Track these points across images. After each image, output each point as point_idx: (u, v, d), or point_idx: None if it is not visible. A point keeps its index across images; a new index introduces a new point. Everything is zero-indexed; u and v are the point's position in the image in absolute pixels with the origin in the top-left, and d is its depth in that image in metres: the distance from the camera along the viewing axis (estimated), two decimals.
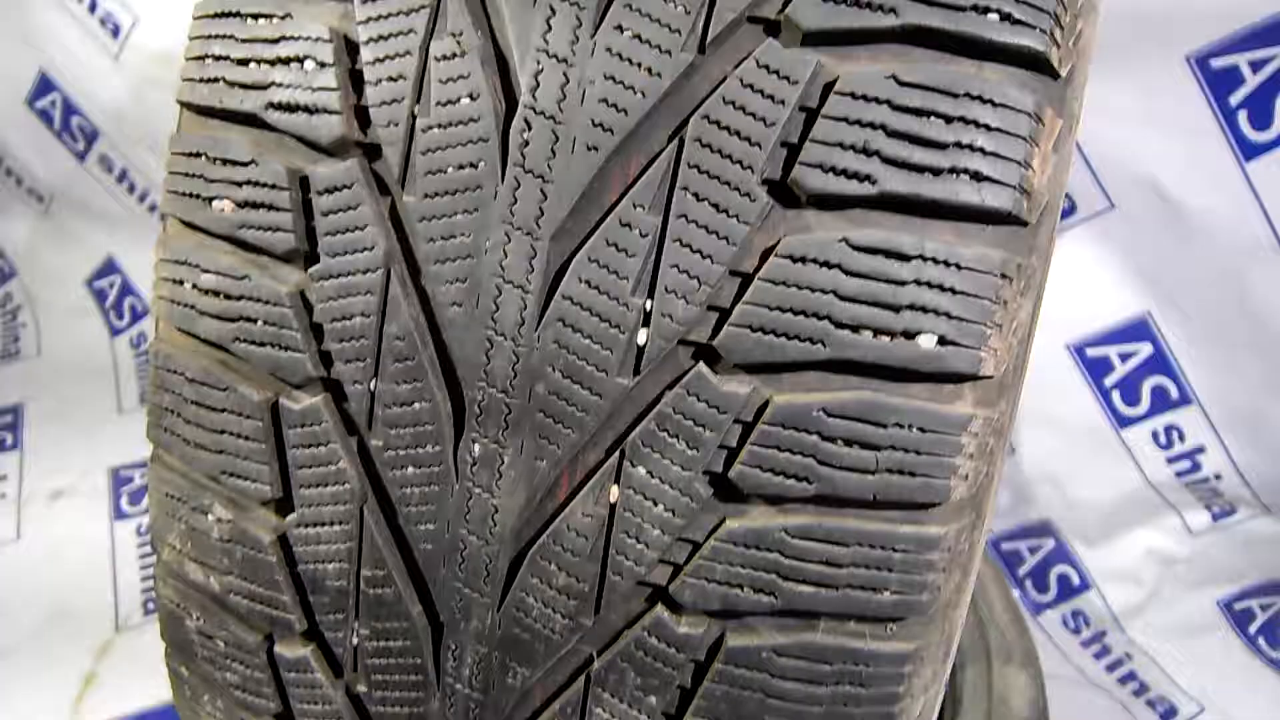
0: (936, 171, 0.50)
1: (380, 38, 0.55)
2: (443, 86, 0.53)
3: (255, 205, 0.57)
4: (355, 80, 0.55)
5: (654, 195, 0.51)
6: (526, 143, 0.52)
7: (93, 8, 2.03)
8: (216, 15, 0.60)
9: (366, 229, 0.54)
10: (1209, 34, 1.51)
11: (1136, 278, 1.58)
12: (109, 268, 2.35)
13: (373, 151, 0.55)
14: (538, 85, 0.52)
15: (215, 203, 0.58)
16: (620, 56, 0.51)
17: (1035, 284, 0.55)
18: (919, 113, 0.50)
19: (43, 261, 2.41)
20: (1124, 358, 1.64)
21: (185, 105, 0.62)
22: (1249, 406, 1.63)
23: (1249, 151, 1.54)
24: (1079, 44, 0.53)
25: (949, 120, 0.50)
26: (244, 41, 0.58)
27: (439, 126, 0.53)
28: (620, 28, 0.51)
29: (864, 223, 0.50)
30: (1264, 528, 1.58)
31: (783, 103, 0.50)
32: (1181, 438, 1.69)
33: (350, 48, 0.55)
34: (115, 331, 2.31)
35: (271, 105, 0.57)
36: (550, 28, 0.52)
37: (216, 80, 0.59)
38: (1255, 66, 1.51)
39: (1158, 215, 1.54)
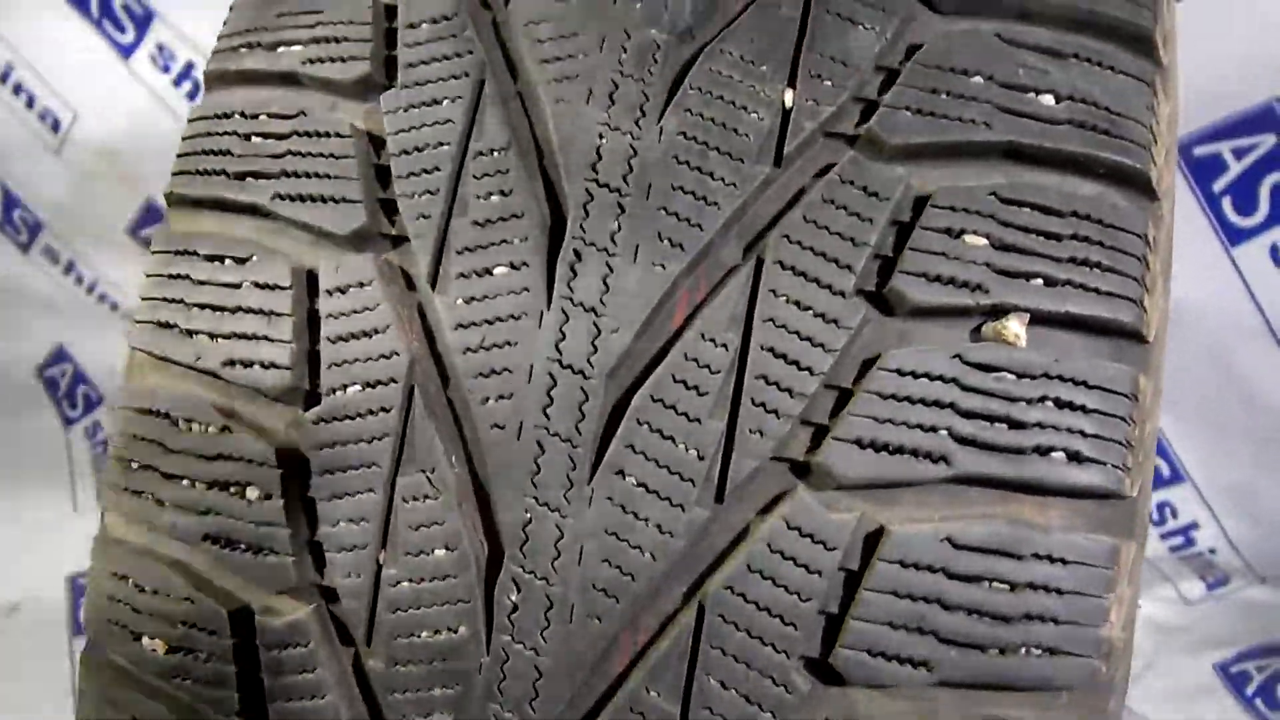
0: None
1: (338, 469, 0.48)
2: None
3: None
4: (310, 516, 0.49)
5: None
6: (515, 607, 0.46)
7: (30, 103, 2.01)
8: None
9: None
10: (1189, 124, 1.53)
11: None
12: (59, 356, 2.28)
13: (331, 596, 0.48)
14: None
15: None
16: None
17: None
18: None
19: None
20: None
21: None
22: (1241, 482, 1.64)
23: (1235, 237, 1.56)
24: None
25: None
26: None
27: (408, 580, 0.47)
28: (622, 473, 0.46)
29: None
30: (1259, 595, 1.58)
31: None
32: (1174, 514, 1.69)
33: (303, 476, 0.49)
34: (69, 421, 2.23)
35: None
36: (539, 468, 0.47)
37: None
38: (1238, 154, 1.53)
39: None
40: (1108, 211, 0.47)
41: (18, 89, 1.96)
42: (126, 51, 1.89)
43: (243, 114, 0.54)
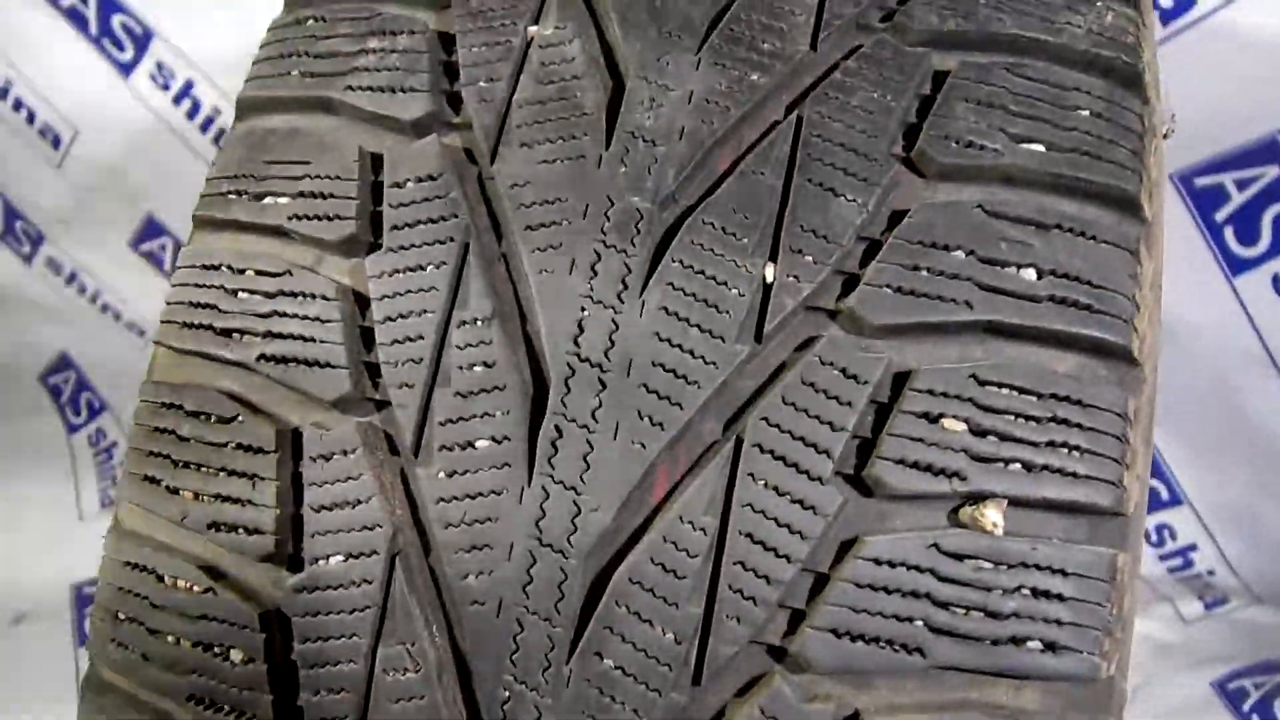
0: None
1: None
2: None
3: None
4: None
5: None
6: None
7: (30, 119, 2.01)
8: None
9: None
10: (1193, 154, 1.53)
11: None
12: (62, 363, 2.29)
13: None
14: None
15: None
16: None
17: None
18: None
19: None
20: None
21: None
22: (1239, 506, 1.65)
23: (1236, 266, 1.56)
24: None
25: None
26: None
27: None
28: None
29: None
30: (1256, 615, 1.60)
31: None
32: (1173, 536, 1.71)
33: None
34: (73, 429, 2.24)
35: None
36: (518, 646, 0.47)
37: None
38: (1241, 185, 1.53)
39: None
40: (1087, 390, 0.47)
41: (18, 105, 1.95)
42: (126, 70, 1.89)
43: (230, 267, 0.54)
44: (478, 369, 0.49)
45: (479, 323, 0.50)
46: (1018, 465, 0.46)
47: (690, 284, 0.49)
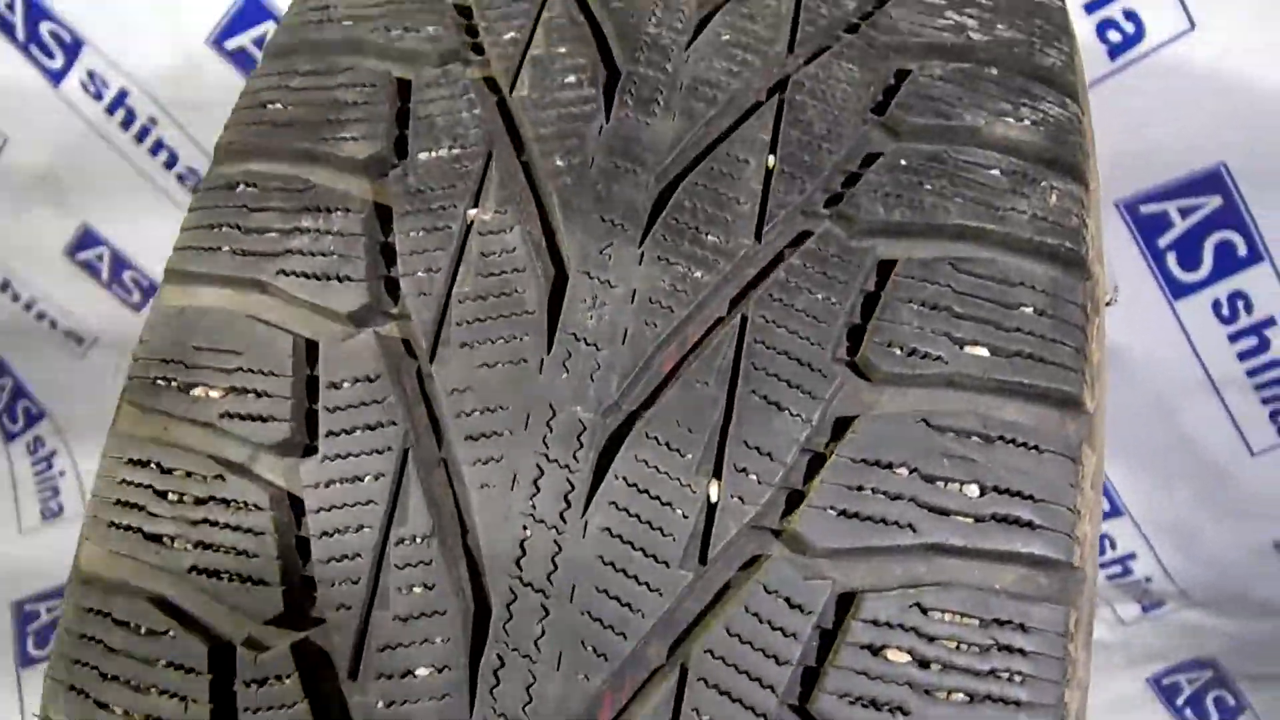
0: None
1: None
2: None
3: None
4: None
5: None
6: None
7: None
8: None
9: None
10: (1140, 182, 1.55)
11: None
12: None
13: None
14: None
15: None
16: None
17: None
18: None
19: None
20: None
21: None
22: (1177, 518, 1.71)
23: (1178, 291, 1.59)
24: None
25: None
26: None
27: None
28: None
29: None
30: (1191, 617, 1.67)
31: None
32: (1114, 546, 1.76)
33: None
34: (10, 436, 2.18)
35: None
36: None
37: None
38: (1184, 213, 1.56)
39: None
40: (1029, 610, 0.48)
41: None
42: (56, 78, 1.81)
43: (159, 465, 0.52)
44: (417, 590, 0.48)
45: (419, 540, 0.49)
46: (960, 695, 0.47)
47: (634, 504, 0.48)
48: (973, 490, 0.49)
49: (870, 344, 0.50)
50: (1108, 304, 0.61)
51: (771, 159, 0.55)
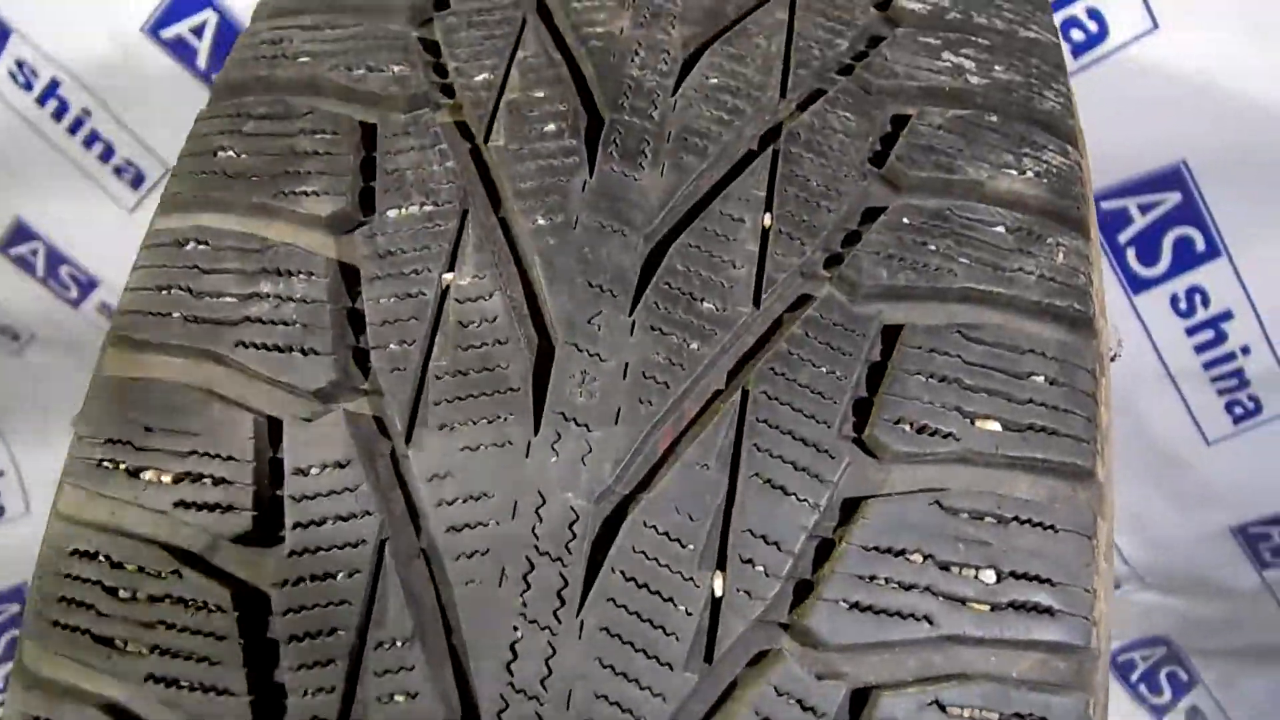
0: None
1: None
2: None
3: None
4: None
5: None
6: None
7: None
8: None
9: None
10: (1101, 178, 1.56)
11: None
12: None
13: None
14: None
15: None
16: None
17: None
18: None
19: None
20: None
21: None
22: (1134, 506, 1.74)
23: (1137, 286, 1.60)
24: None
25: None
26: None
27: None
28: None
29: None
30: (1145, 598, 1.72)
31: None
32: None
33: None
34: None
35: None
36: None
37: None
38: (1144, 209, 1.57)
39: None
40: (1049, 703, 0.46)
41: None
42: None
43: (108, 558, 0.48)
44: (399, 699, 0.44)
45: (399, 644, 0.45)
46: None
47: (633, 601, 0.45)
48: (989, 576, 0.46)
49: (878, 421, 0.47)
50: (1113, 359, 0.59)
51: (768, 217, 0.51)
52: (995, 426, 0.48)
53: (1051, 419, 0.49)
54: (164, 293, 0.52)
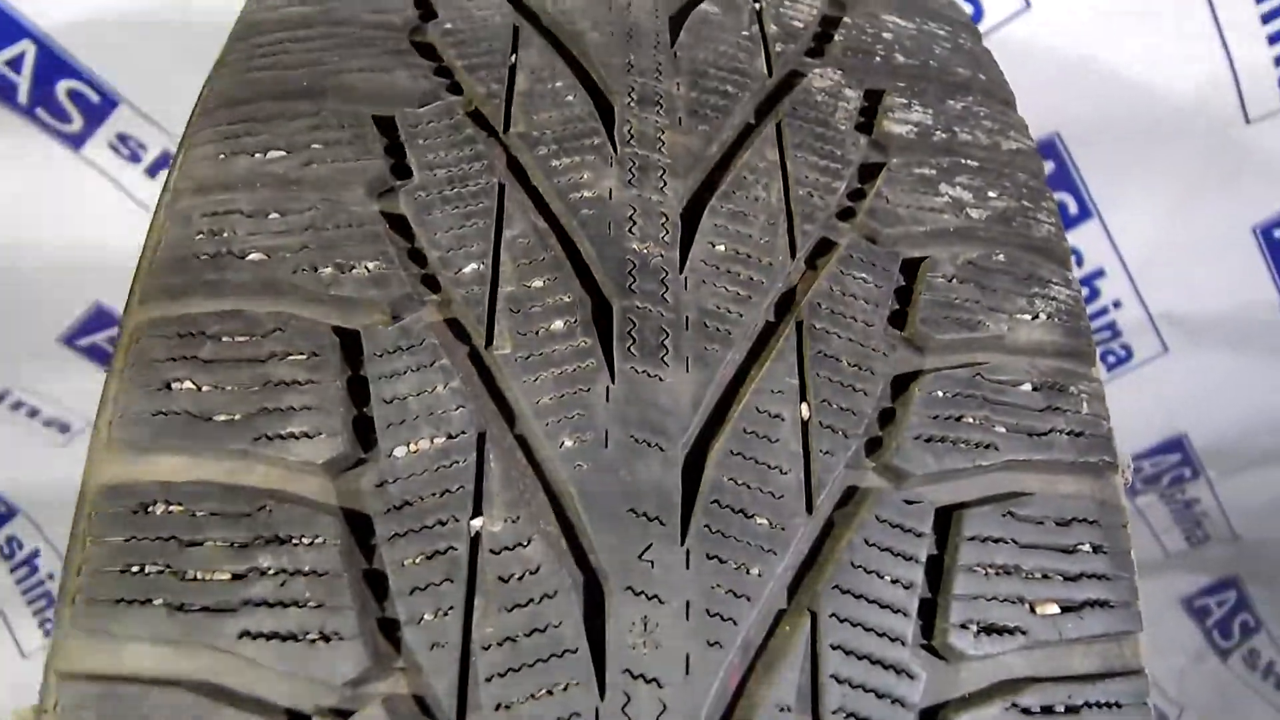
0: None
1: None
2: None
3: None
4: None
5: None
6: None
7: None
8: None
9: None
10: None
11: None
12: None
13: None
14: None
15: None
16: None
17: None
18: None
19: None
20: None
21: None
22: None
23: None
24: None
25: None
26: None
27: None
28: None
29: None
30: None
31: None
32: None
33: None
34: None
35: None
36: None
37: None
38: None
39: None
40: None
41: None
42: None
43: None
44: None
45: None
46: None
47: None
48: None
49: (952, 628, 0.46)
50: (1126, 484, 0.60)
51: (805, 408, 0.48)
52: (1054, 610, 0.48)
53: (1103, 590, 0.49)
54: (140, 576, 0.44)
